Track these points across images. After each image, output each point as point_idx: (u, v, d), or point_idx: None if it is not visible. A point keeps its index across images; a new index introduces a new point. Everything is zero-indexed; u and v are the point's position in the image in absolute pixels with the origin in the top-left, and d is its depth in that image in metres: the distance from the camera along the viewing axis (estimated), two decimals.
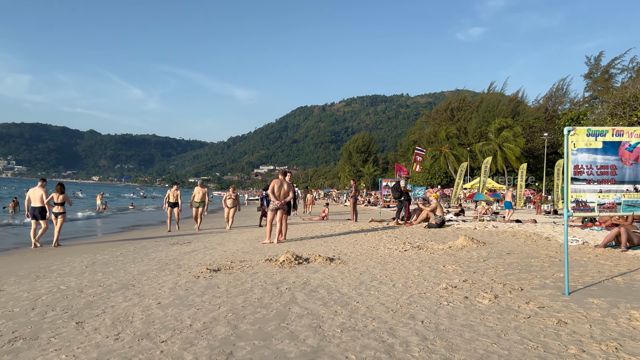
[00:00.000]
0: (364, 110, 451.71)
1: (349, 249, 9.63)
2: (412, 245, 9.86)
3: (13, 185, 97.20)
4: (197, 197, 16.55)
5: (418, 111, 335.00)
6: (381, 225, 15.64)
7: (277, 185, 11.15)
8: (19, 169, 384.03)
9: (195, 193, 16.66)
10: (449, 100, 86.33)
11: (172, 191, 16.69)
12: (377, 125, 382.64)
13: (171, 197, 16.48)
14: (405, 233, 12.51)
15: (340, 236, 12.26)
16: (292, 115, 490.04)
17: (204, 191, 16.79)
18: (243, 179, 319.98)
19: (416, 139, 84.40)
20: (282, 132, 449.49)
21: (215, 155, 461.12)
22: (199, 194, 16.60)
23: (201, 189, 16.83)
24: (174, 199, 16.50)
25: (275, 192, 11.07)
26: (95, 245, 12.65)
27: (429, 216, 14.96)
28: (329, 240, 11.34)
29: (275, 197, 11.08)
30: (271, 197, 11.13)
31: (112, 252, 10.50)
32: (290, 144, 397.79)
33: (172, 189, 16.80)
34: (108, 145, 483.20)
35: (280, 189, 11.15)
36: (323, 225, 16.26)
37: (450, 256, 8.39)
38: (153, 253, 10.12)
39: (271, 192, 11.10)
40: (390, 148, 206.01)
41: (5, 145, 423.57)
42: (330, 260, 8.05)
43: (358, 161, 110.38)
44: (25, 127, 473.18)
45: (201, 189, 16.79)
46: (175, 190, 16.70)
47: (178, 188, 16.96)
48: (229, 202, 16.59)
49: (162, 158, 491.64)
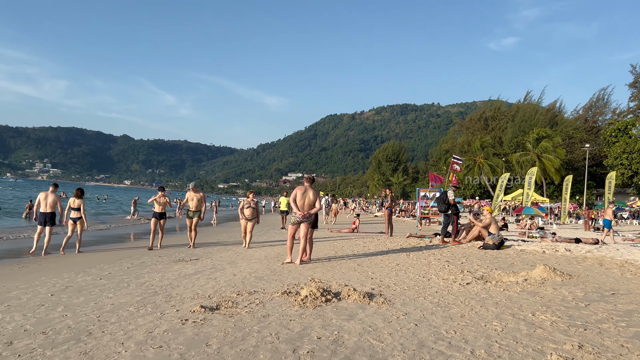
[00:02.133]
0: (394, 119, 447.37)
1: (391, 278, 7.49)
2: (474, 276, 7.65)
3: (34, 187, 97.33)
4: (191, 204, 12.92)
5: (449, 121, 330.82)
6: (422, 242, 13.41)
7: (300, 192, 9.15)
8: (54, 171, 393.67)
9: (189, 199, 12.94)
10: (483, 109, 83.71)
11: (157, 198, 13.08)
12: (407, 134, 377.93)
13: (156, 205, 13.05)
14: (457, 255, 10.27)
15: (377, 257, 10.11)
16: (321, 123, 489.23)
17: (200, 196, 13.04)
18: (271, 186, 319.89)
19: (449, 148, 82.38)
20: (311, 140, 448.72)
21: (245, 161, 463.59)
22: (194, 200, 12.91)
23: (195, 193, 12.96)
24: (161, 208, 13.05)
25: (297, 202, 9.06)
26: (92, 256, 10.85)
27: (481, 234, 12.67)
28: (363, 263, 9.21)
29: (297, 207, 9.07)
30: (293, 207, 9.12)
31: (99, 271, 8.62)
32: (319, 151, 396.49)
33: (158, 195, 13.16)
34: (140, 150, 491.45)
35: (304, 198, 9.12)
36: (354, 241, 14.13)
37: (532, 295, 6.17)
38: (147, 274, 8.19)
39: (292, 201, 9.10)
40: (420, 157, 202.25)
41: (42, 149, 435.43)
42: (369, 297, 5.93)
43: (387, 170, 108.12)
44: (61, 131, 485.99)
45: (195, 194, 12.96)
46: (161, 197, 13.08)
47: (165, 194, 13.37)
48: (247, 213, 12.74)
49: (192, 164, 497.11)
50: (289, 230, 9.22)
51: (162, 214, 13.11)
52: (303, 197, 9.12)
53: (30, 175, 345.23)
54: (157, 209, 13.07)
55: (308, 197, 9.16)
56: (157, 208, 13.08)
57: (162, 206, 13.11)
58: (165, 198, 13.23)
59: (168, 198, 13.41)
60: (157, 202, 13.10)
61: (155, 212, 13.03)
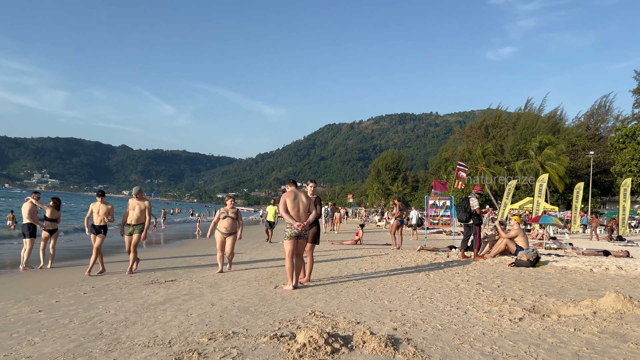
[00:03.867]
0: (393, 128, 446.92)
1: (415, 310, 5.75)
2: (522, 306, 5.91)
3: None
4: (131, 215, 9.59)
5: (448, 129, 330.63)
6: (438, 257, 11.67)
7: (289, 200, 7.34)
8: (52, 182, 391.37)
9: (129, 209, 9.66)
10: (484, 117, 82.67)
11: (95, 206, 9.93)
12: (405, 143, 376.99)
13: (94, 216, 9.88)
14: (488, 275, 8.54)
15: (391, 277, 8.37)
16: (320, 133, 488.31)
17: (144, 206, 9.67)
18: (270, 196, 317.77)
19: (449, 156, 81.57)
20: (310, 150, 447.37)
21: (244, 171, 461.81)
22: (135, 210, 9.60)
23: (138, 201, 9.67)
24: (100, 219, 9.83)
25: (290, 211, 7.32)
26: (55, 275, 9.09)
27: (508, 247, 10.94)
28: (376, 286, 7.47)
29: (290, 217, 7.32)
30: (285, 217, 7.37)
31: (46, 298, 6.88)
32: (318, 161, 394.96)
33: (97, 202, 9.96)
34: (139, 160, 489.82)
35: (296, 205, 7.36)
36: (360, 256, 12.39)
37: (619, 339, 4.44)
38: (103, 303, 6.44)
39: (285, 213, 7.31)
40: (419, 166, 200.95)
41: (41, 159, 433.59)
42: (393, 346, 4.19)
43: (387, 179, 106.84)
44: (60, 142, 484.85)
45: (138, 202, 9.66)
46: (101, 204, 9.87)
47: (105, 201, 10.00)
48: (224, 224, 9.44)
49: (191, 173, 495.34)
50: (287, 247, 7.40)
51: (102, 228, 9.84)
52: (295, 205, 7.36)
53: (28, 185, 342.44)
54: (95, 220, 9.84)
55: (301, 202, 7.42)
56: (95, 219, 9.85)
57: (103, 217, 9.86)
58: (107, 206, 9.94)
59: (111, 206, 10.05)
60: (95, 212, 9.87)
61: (94, 226, 9.82)
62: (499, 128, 75.05)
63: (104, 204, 9.96)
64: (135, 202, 9.78)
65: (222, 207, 9.77)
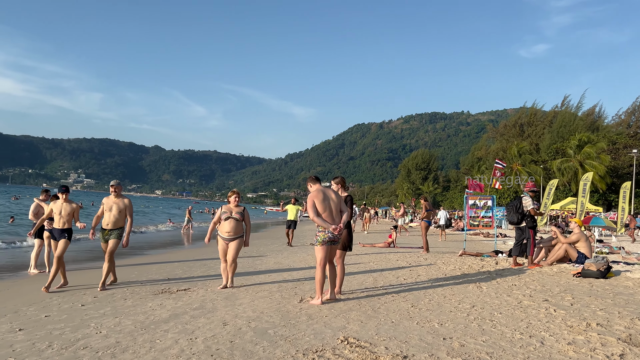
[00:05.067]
0: (423, 127, 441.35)
1: (476, 339, 4.54)
2: (614, 334, 4.62)
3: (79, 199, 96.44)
4: (107, 217, 7.77)
5: (479, 129, 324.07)
6: (485, 263, 10.36)
7: (318, 200, 6.19)
8: (88, 182, 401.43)
9: (105, 210, 7.80)
10: (518, 115, 80.00)
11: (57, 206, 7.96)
12: (436, 142, 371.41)
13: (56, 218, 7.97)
14: (552, 288, 7.21)
15: (436, 290, 7.15)
16: (349, 133, 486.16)
17: (124, 205, 7.83)
18: (299, 195, 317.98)
19: (482, 155, 79.39)
20: (339, 149, 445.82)
21: (273, 171, 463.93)
22: (112, 210, 7.77)
23: (116, 198, 7.84)
24: (62, 222, 7.86)
25: (321, 213, 6.18)
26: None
27: (568, 254, 9.56)
28: (419, 301, 6.28)
29: (323, 220, 6.17)
30: (317, 222, 6.22)
31: (36, 312, 5.97)
32: (347, 161, 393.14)
33: (58, 200, 8.05)
34: (171, 161, 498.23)
35: (326, 206, 6.21)
36: (395, 261, 11.19)
37: None
38: (97, 320, 5.47)
39: (315, 216, 6.14)
40: (450, 166, 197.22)
41: (77, 159, 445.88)
42: None
43: (417, 179, 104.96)
44: (95, 142, 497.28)
45: (116, 200, 7.84)
46: (63, 203, 7.91)
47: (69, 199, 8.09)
48: (226, 228, 7.48)
49: (222, 173, 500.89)
50: (319, 254, 6.23)
51: (65, 232, 7.86)
52: (325, 205, 6.22)
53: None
54: (57, 222, 7.89)
55: (331, 201, 6.28)
56: (57, 222, 7.89)
57: (66, 219, 7.87)
58: (71, 206, 7.95)
59: (76, 206, 8.13)
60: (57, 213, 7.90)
61: (55, 229, 7.93)
62: (535, 126, 72.67)
63: (67, 202, 7.95)
64: (112, 201, 7.82)
65: (225, 205, 7.70)
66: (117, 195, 7.94)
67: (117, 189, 7.96)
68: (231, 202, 7.65)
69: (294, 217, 16.81)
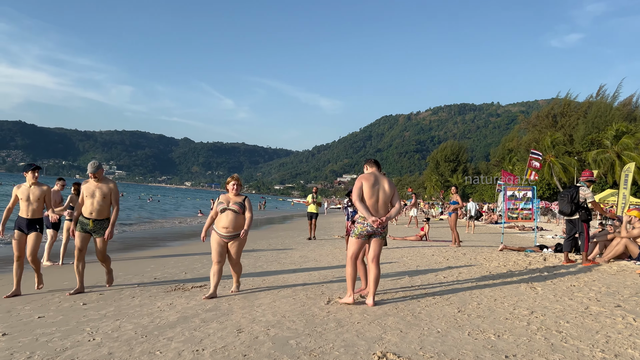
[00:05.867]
0: (452, 119, 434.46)
1: (546, 357, 3.66)
2: None
3: None
4: (87, 205, 6.35)
5: (510, 120, 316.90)
6: (532, 259, 9.35)
7: (368, 184, 5.40)
8: (119, 173, 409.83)
9: (85, 196, 6.34)
10: (551, 105, 77.32)
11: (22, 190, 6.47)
12: (465, 134, 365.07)
13: (22, 205, 6.43)
14: (618, 289, 6.21)
15: (483, 290, 6.25)
16: (376, 125, 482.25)
17: (108, 191, 6.42)
18: (326, 187, 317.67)
19: (513, 147, 77.29)
20: (366, 141, 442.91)
21: (300, 163, 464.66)
22: (96, 196, 6.37)
23: (98, 183, 6.40)
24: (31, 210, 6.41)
25: (367, 200, 5.39)
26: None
27: (629, 250, 8.48)
28: (466, 305, 5.39)
29: (367, 209, 5.36)
30: (358, 207, 5.40)
31: (32, 310, 5.34)
32: (374, 152, 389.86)
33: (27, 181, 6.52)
34: (200, 153, 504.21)
35: (374, 192, 5.41)
36: (431, 256, 10.28)
37: None
38: (94, 322, 4.78)
39: (359, 200, 5.37)
40: (480, 158, 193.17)
41: (108, 152, 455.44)
42: None
43: (446, 170, 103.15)
44: (126, 135, 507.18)
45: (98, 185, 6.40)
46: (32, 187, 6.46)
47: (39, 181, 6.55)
48: (224, 223, 6.01)
49: (250, 165, 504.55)
50: (352, 247, 5.47)
51: (35, 222, 6.40)
52: (374, 192, 5.40)
53: None
54: (22, 211, 6.38)
55: (382, 190, 5.45)
56: (22, 210, 6.38)
57: (37, 205, 6.41)
58: (41, 188, 6.44)
59: (47, 188, 6.55)
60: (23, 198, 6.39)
61: (20, 219, 6.38)
62: (568, 117, 70.14)
63: (36, 185, 6.42)
64: (95, 186, 6.37)
65: (222, 195, 6.21)
66: (98, 179, 6.42)
67: (98, 174, 6.40)
68: (229, 191, 6.18)
69: (316, 210, 15.84)
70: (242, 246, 6.20)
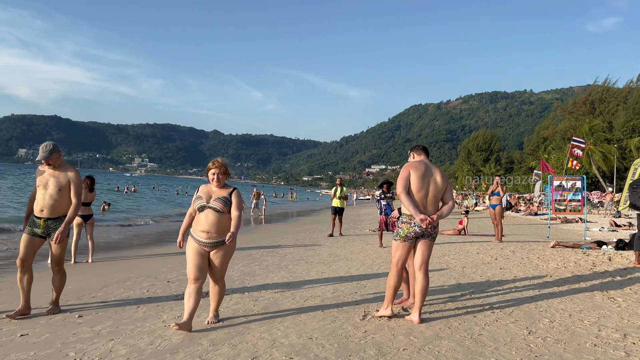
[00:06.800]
0: (483, 107, 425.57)
1: None
2: None
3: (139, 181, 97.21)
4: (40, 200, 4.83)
5: (544, 108, 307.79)
6: (585, 256, 8.19)
7: (417, 174, 4.41)
8: (151, 166, 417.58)
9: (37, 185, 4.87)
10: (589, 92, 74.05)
11: None
12: (497, 123, 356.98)
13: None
14: None
15: (551, 301, 5.19)
16: (405, 114, 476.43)
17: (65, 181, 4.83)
18: (354, 178, 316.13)
19: (548, 135, 74.61)
20: (395, 131, 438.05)
21: (328, 154, 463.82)
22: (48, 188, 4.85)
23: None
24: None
25: (415, 193, 4.41)
26: (82, 274, 6.96)
27: None
28: (534, 321, 4.37)
29: (412, 202, 4.36)
30: (403, 202, 4.40)
31: (16, 327, 4.57)
32: (403, 143, 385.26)
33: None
34: (230, 145, 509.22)
35: (425, 184, 4.43)
36: (475, 254, 9.20)
37: None
38: (82, 344, 3.96)
39: (403, 192, 4.37)
40: (512, 147, 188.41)
41: (140, 144, 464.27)
42: None
43: (478, 160, 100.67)
44: (157, 128, 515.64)
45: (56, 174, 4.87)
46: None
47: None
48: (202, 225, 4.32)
49: (278, 157, 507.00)
50: (397, 252, 4.50)
51: None
52: (423, 184, 4.43)
53: (130, 169, 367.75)
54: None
55: (434, 182, 4.48)
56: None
57: None
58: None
59: None
60: None
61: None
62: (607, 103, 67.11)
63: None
64: (49, 174, 4.87)
65: (203, 187, 4.50)
66: (54, 165, 4.85)
67: (53, 160, 4.85)
68: (211, 181, 4.40)
69: (340, 205, 14.24)
70: (229, 257, 4.50)
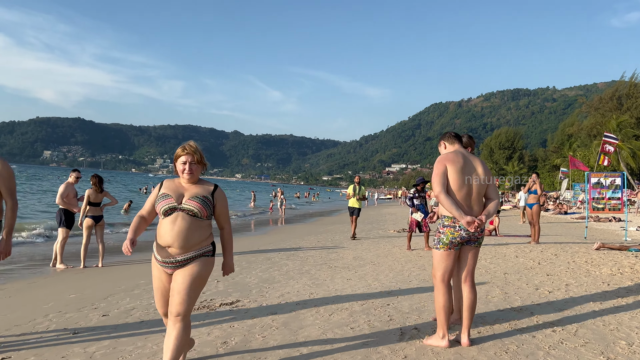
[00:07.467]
0: (505, 105, 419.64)
1: None
2: None
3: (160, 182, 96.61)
4: None
5: (567, 104, 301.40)
6: (635, 258, 7.33)
7: (455, 168, 3.63)
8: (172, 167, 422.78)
9: None
10: (616, 87, 71.79)
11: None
12: (519, 120, 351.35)
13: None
14: None
15: (618, 317, 4.42)
16: (425, 113, 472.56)
17: None
18: (374, 177, 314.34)
19: (573, 132, 72.68)
20: (415, 130, 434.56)
21: (348, 154, 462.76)
22: None
23: None
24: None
25: (456, 191, 3.63)
26: (91, 279, 6.43)
27: None
28: (611, 345, 3.63)
29: (453, 203, 3.59)
30: (443, 203, 3.62)
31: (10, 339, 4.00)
32: (423, 141, 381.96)
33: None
34: (250, 145, 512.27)
35: (467, 181, 3.65)
36: (514, 258, 8.39)
37: None
38: None
39: (442, 191, 3.60)
40: (535, 144, 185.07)
41: (162, 145, 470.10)
42: None
43: (501, 158, 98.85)
44: (179, 129, 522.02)
45: None
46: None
47: None
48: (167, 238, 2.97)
49: (298, 157, 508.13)
50: (441, 263, 3.71)
51: None
52: (463, 179, 3.65)
53: (152, 170, 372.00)
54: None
55: (476, 176, 3.72)
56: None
57: None
58: None
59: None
60: None
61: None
62: (635, 98, 64.92)
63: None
64: None
65: (167, 181, 3.20)
66: None
67: None
68: (180, 174, 3.14)
69: (358, 205, 13.08)
70: (200, 283, 3.03)
